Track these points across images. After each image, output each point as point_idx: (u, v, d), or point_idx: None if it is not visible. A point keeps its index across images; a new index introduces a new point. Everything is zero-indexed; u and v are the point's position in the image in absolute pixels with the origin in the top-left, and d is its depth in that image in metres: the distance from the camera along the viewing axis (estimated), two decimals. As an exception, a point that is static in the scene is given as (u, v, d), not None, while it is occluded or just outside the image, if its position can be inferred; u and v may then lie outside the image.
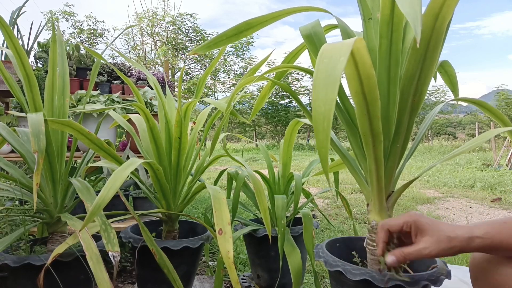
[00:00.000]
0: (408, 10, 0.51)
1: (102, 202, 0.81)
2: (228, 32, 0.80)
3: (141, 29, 14.62)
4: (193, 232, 1.48)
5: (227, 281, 1.66)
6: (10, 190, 1.15)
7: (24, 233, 1.13)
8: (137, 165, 0.92)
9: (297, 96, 0.94)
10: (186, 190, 1.36)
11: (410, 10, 0.51)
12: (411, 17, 0.50)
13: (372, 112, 0.68)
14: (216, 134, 1.02)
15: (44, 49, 2.41)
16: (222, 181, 4.32)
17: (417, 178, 0.89)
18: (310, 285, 1.64)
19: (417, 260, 0.97)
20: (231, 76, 16.91)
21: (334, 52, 0.53)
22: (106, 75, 2.49)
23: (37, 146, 0.85)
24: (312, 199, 1.49)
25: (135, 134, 1.38)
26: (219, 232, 0.87)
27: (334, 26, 0.93)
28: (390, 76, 0.76)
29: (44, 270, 0.94)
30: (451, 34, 65.38)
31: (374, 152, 0.74)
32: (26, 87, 1.10)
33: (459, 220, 3.09)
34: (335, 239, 1.05)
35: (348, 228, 2.71)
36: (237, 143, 19.35)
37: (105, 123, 1.80)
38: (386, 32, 0.72)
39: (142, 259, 1.25)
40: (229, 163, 5.83)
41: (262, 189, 1.14)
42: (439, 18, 0.61)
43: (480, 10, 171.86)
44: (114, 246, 0.92)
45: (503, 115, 0.90)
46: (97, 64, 1.29)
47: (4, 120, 2.10)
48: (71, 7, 14.74)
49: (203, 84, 1.43)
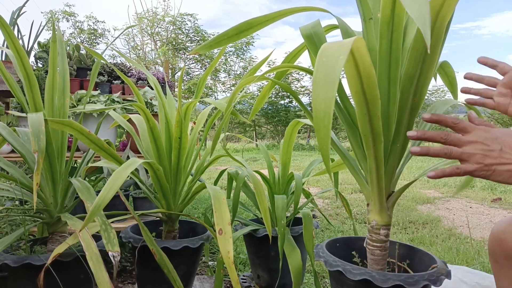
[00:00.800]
0: (417, 15, 0.51)
1: (102, 202, 0.81)
2: (229, 31, 0.80)
3: (141, 29, 14.63)
4: (193, 232, 1.48)
5: (227, 281, 1.66)
6: (10, 190, 1.15)
7: (24, 233, 1.13)
8: (137, 165, 0.92)
9: (298, 96, 0.94)
10: (186, 190, 1.36)
11: (419, 14, 0.51)
12: (420, 22, 0.50)
13: (372, 112, 0.68)
14: (217, 134, 1.02)
15: (45, 49, 2.41)
16: (222, 181, 4.32)
17: (417, 179, 0.89)
18: (310, 285, 1.64)
19: (417, 260, 0.97)
20: (231, 76, 16.91)
21: (333, 51, 0.53)
22: (106, 75, 2.49)
23: (37, 146, 0.85)
24: (312, 199, 1.49)
25: (135, 134, 1.38)
26: (219, 232, 0.87)
27: (334, 26, 0.93)
28: (390, 76, 0.76)
29: (44, 270, 0.94)
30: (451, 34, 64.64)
31: (374, 152, 0.74)
32: (26, 87, 1.10)
33: (459, 220, 3.09)
34: (335, 239, 1.05)
35: (348, 228, 2.71)
36: (237, 143, 19.34)
37: (105, 123, 1.80)
38: (386, 32, 0.72)
39: (142, 259, 1.25)
40: (229, 163, 5.83)
41: (262, 189, 1.14)
42: (439, 17, 0.61)
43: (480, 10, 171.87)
44: (114, 246, 0.92)
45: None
46: (98, 64, 1.29)
47: (4, 120, 2.10)
48: (72, 7, 14.74)
49: (203, 84, 1.43)
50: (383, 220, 0.85)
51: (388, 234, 0.85)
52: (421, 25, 0.50)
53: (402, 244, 1.00)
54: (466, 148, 0.62)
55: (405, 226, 2.82)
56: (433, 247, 2.28)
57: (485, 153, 0.61)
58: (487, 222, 3.04)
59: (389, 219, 0.85)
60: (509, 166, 0.60)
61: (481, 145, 0.61)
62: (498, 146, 0.61)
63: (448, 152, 0.63)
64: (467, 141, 0.62)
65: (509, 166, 0.60)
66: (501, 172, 0.60)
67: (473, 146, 0.62)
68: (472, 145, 0.62)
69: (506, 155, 0.60)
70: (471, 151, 0.62)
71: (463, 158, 0.62)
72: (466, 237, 2.50)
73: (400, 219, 3.02)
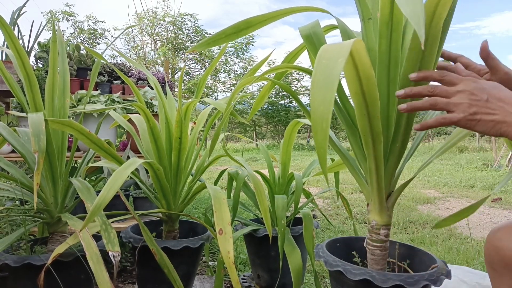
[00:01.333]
0: (410, 13, 0.51)
1: (103, 202, 0.81)
2: (227, 30, 0.80)
3: (142, 29, 14.63)
4: (193, 232, 1.48)
5: (227, 281, 1.66)
6: (11, 190, 1.15)
7: (24, 233, 1.13)
8: (137, 165, 0.92)
9: (297, 96, 0.94)
10: (186, 190, 1.36)
11: (412, 13, 0.51)
12: (414, 20, 0.50)
13: (371, 112, 0.68)
14: (216, 134, 1.02)
15: (45, 49, 2.41)
16: (222, 181, 4.32)
17: (415, 176, 0.89)
18: (310, 285, 1.64)
19: (417, 260, 0.97)
20: (231, 76, 16.90)
21: (332, 53, 0.53)
22: (106, 75, 2.49)
23: (37, 146, 0.85)
24: (313, 199, 1.49)
25: (135, 134, 1.39)
26: (220, 232, 0.87)
27: (334, 26, 0.93)
28: (389, 76, 0.76)
29: (44, 270, 0.94)
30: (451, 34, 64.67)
31: (374, 152, 0.74)
32: (26, 87, 1.10)
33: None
34: (335, 239, 1.05)
35: (348, 228, 2.71)
36: (237, 143, 19.35)
37: (105, 123, 1.80)
38: (385, 32, 0.72)
39: (142, 259, 1.25)
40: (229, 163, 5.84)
41: (263, 189, 1.14)
42: (435, 16, 0.61)
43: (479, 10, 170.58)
44: (114, 246, 0.92)
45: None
46: (98, 64, 1.30)
47: (4, 120, 2.10)
48: (72, 7, 14.74)
49: (204, 84, 1.43)
50: (383, 220, 0.85)
51: (388, 234, 0.86)
52: (415, 22, 0.50)
53: (402, 244, 1.00)
54: (453, 99, 0.62)
55: (405, 226, 2.83)
56: (433, 247, 2.28)
57: (472, 102, 0.61)
58: (487, 222, 3.04)
59: (389, 219, 0.85)
60: (493, 116, 0.60)
61: (468, 94, 0.62)
62: (485, 96, 0.61)
63: (433, 103, 0.63)
64: (454, 91, 0.63)
65: (493, 117, 0.60)
66: (485, 122, 0.61)
67: (460, 95, 0.62)
68: (459, 94, 0.62)
69: (491, 105, 0.60)
70: (458, 101, 0.62)
71: (449, 108, 0.63)
72: (466, 237, 2.50)
73: (400, 219, 3.02)
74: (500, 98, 0.61)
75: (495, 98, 0.61)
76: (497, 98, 0.61)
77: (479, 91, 0.61)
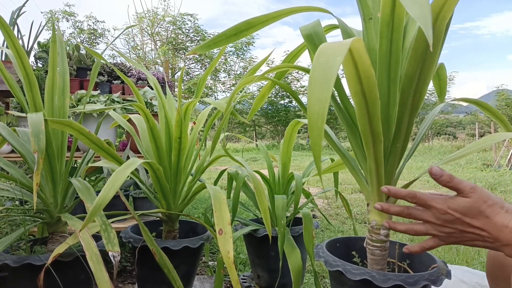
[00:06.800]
0: (418, 15, 0.51)
1: (102, 202, 0.81)
2: (227, 31, 0.80)
3: (141, 29, 14.63)
4: (193, 232, 1.48)
5: (227, 281, 1.66)
6: (10, 190, 1.15)
7: (24, 233, 1.13)
8: (137, 165, 0.92)
9: (297, 95, 0.94)
10: (186, 190, 1.36)
11: (420, 14, 0.51)
12: (422, 21, 0.50)
13: (372, 112, 0.68)
14: (216, 134, 1.02)
15: (44, 49, 2.41)
16: (222, 181, 4.31)
17: (417, 179, 0.89)
18: (310, 285, 1.64)
19: (417, 260, 0.97)
20: (231, 76, 16.91)
21: (331, 51, 0.53)
22: (106, 75, 2.49)
23: (37, 146, 0.85)
24: (312, 199, 1.49)
25: (135, 134, 1.38)
26: (219, 232, 0.87)
27: (334, 26, 0.93)
28: (390, 76, 0.76)
29: (44, 270, 0.94)
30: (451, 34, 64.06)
31: (374, 152, 0.74)
32: (26, 87, 1.09)
33: (459, 220, 3.09)
34: (335, 239, 1.05)
35: (348, 228, 2.71)
36: (237, 143, 19.34)
37: (105, 123, 1.80)
38: (386, 31, 0.72)
39: (142, 259, 1.25)
40: (229, 163, 5.84)
41: (262, 189, 1.14)
42: (439, 18, 0.61)
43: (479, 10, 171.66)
44: (114, 246, 0.92)
45: (502, 115, 0.90)
46: (97, 64, 1.29)
47: (4, 120, 2.10)
48: (71, 7, 14.75)
49: (203, 84, 1.43)
50: (383, 220, 0.84)
51: (388, 234, 0.85)
52: (423, 24, 0.50)
53: (402, 244, 1.00)
54: (429, 228, 0.68)
55: (405, 226, 2.82)
56: (433, 247, 2.28)
57: (447, 235, 0.66)
58: (487, 222, 3.03)
59: (389, 219, 0.85)
60: (472, 242, 0.65)
61: (441, 228, 0.66)
62: (460, 226, 0.65)
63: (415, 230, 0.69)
64: (427, 221, 0.68)
65: (472, 242, 0.66)
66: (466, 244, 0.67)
67: (434, 227, 0.67)
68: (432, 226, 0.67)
69: (468, 235, 0.65)
70: (434, 232, 0.67)
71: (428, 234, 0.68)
72: (466, 237, 2.50)
73: (400, 219, 3.02)
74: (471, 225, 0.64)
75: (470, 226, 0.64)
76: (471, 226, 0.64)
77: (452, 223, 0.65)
